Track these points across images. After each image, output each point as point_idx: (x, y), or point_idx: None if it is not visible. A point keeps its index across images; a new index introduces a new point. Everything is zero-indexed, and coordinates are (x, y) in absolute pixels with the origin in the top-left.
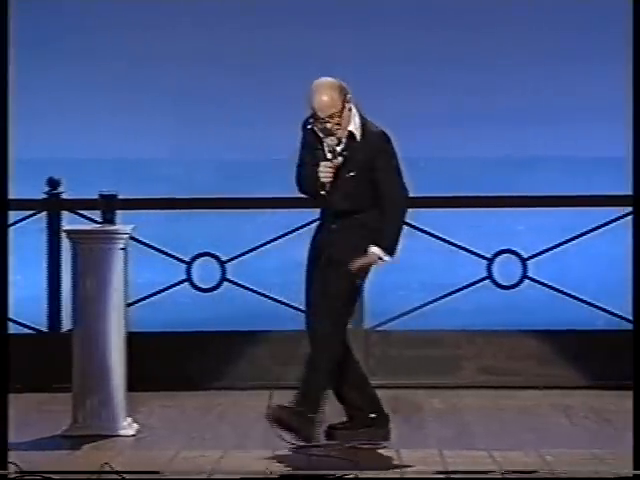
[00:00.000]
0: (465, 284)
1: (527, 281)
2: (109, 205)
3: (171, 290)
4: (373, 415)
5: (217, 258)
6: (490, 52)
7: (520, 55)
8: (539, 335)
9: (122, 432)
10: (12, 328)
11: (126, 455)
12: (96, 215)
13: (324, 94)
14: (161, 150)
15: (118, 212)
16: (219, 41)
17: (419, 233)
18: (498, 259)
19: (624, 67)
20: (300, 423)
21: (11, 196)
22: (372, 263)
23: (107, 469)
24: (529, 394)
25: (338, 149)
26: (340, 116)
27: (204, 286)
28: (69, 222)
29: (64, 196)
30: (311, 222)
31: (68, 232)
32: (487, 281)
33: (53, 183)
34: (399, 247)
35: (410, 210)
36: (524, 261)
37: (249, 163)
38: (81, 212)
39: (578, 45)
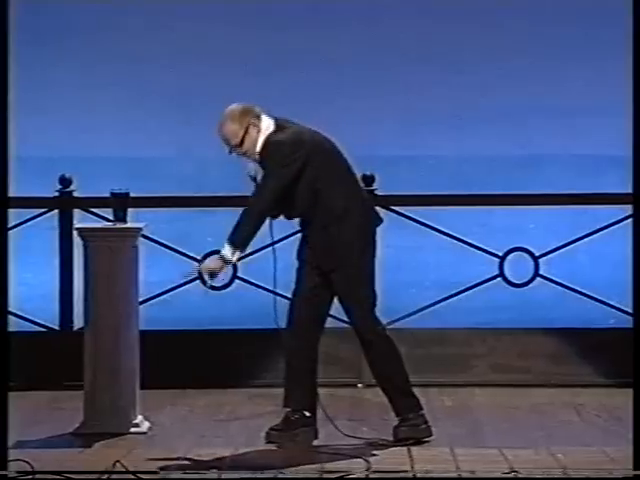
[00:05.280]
0: (476, 282)
1: (539, 279)
2: (121, 203)
3: (182, 288)
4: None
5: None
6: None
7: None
8: (551, 333)
9: (134, 430)
10: (23, 326)
11: (137, 453)
12: (107, 213)
13: (222, 129)
14: (169, 149)
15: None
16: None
17: (430, 231)
18: (509, 257)
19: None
20: None
21: (20, 194)
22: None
23: (118, 467)
24: (541, 392)
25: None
26: (241, 145)
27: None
28: (80, 220)
29: (75, 194)
30: None
31: (80, 230)
32: (499, 279)
33: (65, 181)
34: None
35: (421, 208)
36: (536, 259)
37: None
38: (92, 210)
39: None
